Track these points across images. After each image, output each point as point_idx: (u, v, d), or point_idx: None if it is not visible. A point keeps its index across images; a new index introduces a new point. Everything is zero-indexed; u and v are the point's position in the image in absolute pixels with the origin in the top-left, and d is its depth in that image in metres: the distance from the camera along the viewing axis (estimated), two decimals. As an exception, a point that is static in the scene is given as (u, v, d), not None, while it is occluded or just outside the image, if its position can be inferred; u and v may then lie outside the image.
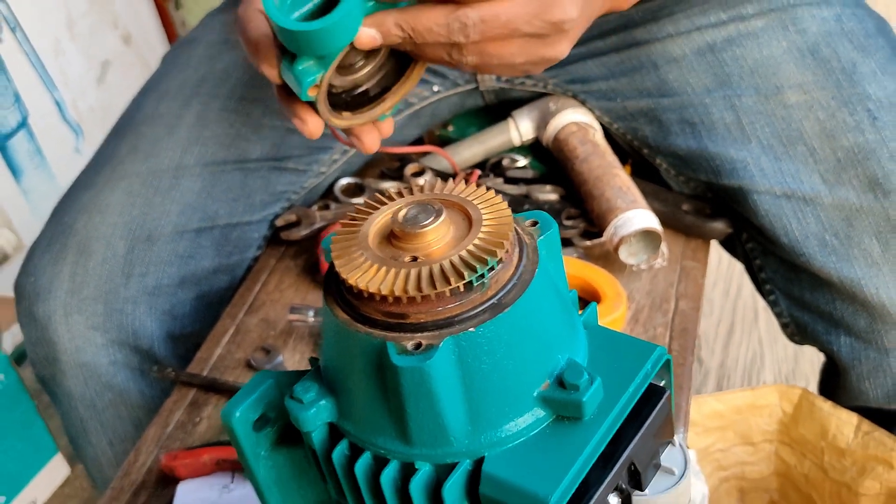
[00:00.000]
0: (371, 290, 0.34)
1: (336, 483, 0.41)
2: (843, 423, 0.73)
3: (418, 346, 0.34)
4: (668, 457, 0.41)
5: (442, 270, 0.34)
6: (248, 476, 0.45)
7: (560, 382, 0.37)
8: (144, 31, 1.50)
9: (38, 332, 0.77)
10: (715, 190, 0.77)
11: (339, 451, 0.39)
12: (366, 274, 0.35)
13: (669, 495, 0.39)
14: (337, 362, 0.38)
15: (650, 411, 0.38)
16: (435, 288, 0.34)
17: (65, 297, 0.76)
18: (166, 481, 0.62)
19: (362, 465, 0.38)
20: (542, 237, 0.38)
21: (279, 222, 0.79)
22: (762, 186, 0.72)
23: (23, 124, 1.28)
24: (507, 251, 0.35)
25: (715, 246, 0.83)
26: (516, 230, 0.38)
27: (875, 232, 0.69)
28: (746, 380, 1.36)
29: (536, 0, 0.53)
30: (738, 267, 1.32)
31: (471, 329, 0.34)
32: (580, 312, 0.43)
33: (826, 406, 0.75)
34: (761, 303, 1.50)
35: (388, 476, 0.38)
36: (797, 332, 0.78)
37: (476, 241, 0.35)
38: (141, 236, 0.77)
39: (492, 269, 0.35)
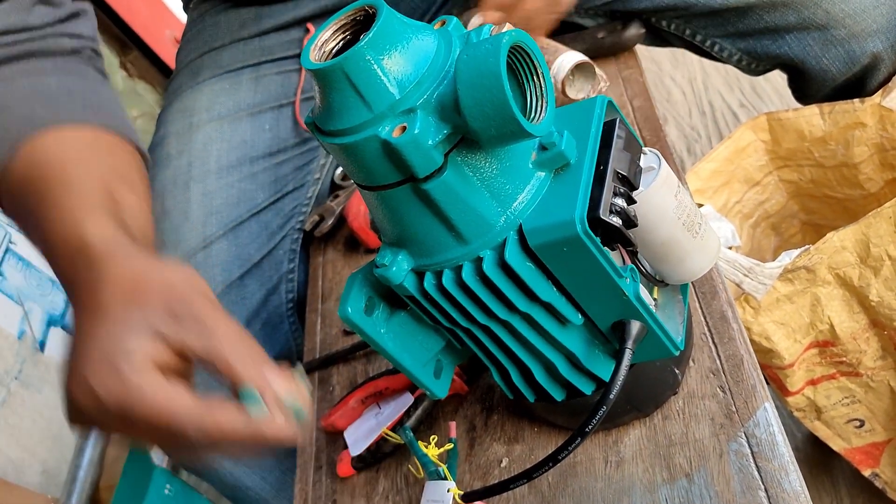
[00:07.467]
0: None
1: (442, 312, 0.54)
2: (810, 117, 0.84)
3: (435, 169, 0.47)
4: (645, 161, 0.53)
5: None
6: (381, 352, 0.56)
7: (542, 147, 0.49)
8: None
9: None
10: (620, 11, 0.89)
11: (428, 282, 0.52)
12: None
13: (658, 181, 0.51)
14: (389, 216, 0.50)
15: (612, 135, 0.51)
16: None
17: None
18: (335, 437, 0.75)
19: (449, 280, 0.51)
20: None
21: (307, 226, 0.92)
22: None
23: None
24: None
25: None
26: None
27: None
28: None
29: None
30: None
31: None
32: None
33: (790, 114, 0.85)
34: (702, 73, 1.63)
35: (468, 275, 0.50)
36: (752, 60, 0.86)
37: None
38: None
39: None
